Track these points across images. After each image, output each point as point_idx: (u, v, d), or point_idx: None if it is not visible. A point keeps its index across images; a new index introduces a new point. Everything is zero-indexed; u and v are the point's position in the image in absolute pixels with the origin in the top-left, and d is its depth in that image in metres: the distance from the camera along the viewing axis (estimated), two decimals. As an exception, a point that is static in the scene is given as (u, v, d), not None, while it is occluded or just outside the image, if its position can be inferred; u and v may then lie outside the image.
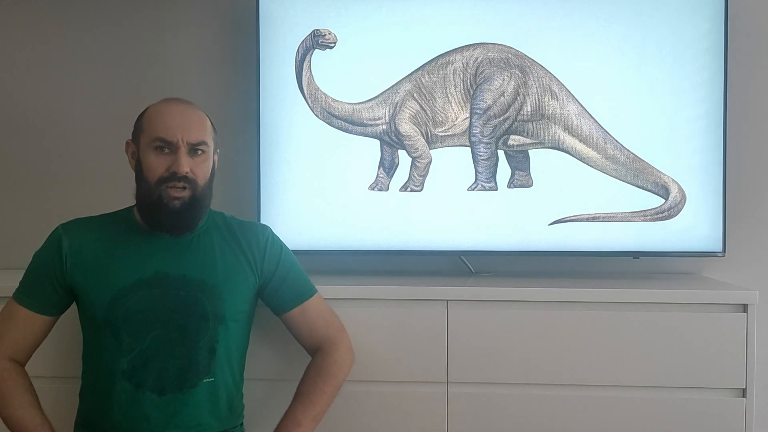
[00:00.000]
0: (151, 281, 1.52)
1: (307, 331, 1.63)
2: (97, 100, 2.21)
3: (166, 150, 1.48)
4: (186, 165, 1.48)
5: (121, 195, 1.66)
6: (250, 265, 1.59)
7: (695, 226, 1.91)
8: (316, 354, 1.62)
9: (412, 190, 1.99)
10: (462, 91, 1.97)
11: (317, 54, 2.00)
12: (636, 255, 1.96)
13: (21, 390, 1.51)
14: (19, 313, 1.53)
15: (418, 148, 1.99)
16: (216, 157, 1.59)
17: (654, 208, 1.92)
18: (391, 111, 1.99)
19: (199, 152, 1.51)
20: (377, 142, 2.00)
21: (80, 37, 2.22)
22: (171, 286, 1.52)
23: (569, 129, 1.94)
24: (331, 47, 2.00)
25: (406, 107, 1.98)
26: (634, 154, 1.92)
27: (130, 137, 1.56)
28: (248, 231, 1.62)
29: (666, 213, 1.92)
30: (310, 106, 2.01)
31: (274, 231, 1.66)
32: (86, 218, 1.60)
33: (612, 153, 1.93)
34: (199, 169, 1.51)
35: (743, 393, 1.65)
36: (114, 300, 1.50)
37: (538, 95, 1.94)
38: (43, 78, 2.22)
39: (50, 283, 1.53)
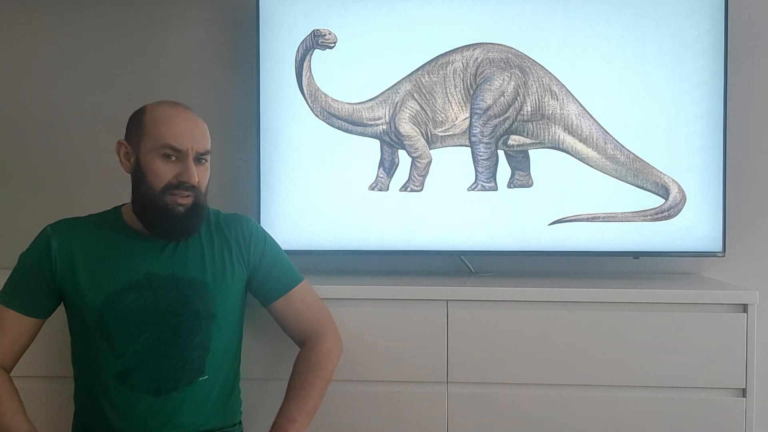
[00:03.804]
0: (142, 283, 1.50)
1: (293, 321, 1.62)
2: (97, 100, 2.20)
3: (173, 157, 1.47)
4: (195, 175, 1.47)
5: (119, 195, 1.65)
6: (238, 259, 1.58)
7: (695, 226, 1.91)
8: (303, 346, 1.61)
9: (412, 190, 1.99)
10: (462, 91, 1.97)
11: (317, 54, 2.00)
12: (636, 255, 1.96)
13: (7, 396, 1.49)
14: (6, 316, 1.50)
15: (418, 148, 1.98)
16: None
17: (654, 208, 1.92)
18: (391, 111, 1.99)
19: (203, 161, 1.51)
20: (377, 142, 2.00)
21: (80, 37, 2.22)
22: (162, 286, 1.51)
23: (569, 129, 1.94)
24: (331, 47, 2.00)
25: (406, 107, 1.98)
26: (634, 154, 1.92)
27: (123, 137, 1.52)
28: (233, 224, 1.61)
29: (666, 213, 1.92)
30: (310, 106, 2.01)
31: (258, 224, 1.66)
32: (74, 219, 1.57)
33: (612, 153, 1.93)
34: (203, 177, 1.51)
35: (743, 393, 1.65)
36: (105, 303, 1.48)
37: (538, 95, 1.94)
38: (42, 78, 2.22)
39: (39, 285, 1.51)
